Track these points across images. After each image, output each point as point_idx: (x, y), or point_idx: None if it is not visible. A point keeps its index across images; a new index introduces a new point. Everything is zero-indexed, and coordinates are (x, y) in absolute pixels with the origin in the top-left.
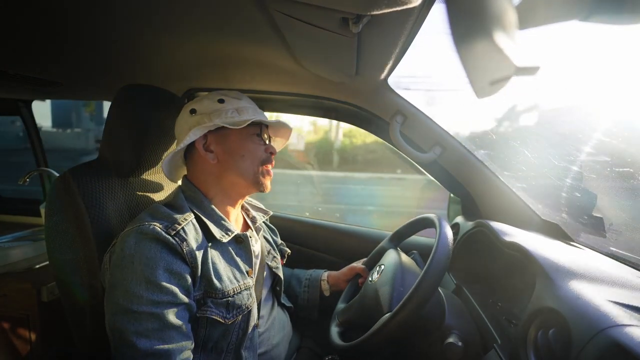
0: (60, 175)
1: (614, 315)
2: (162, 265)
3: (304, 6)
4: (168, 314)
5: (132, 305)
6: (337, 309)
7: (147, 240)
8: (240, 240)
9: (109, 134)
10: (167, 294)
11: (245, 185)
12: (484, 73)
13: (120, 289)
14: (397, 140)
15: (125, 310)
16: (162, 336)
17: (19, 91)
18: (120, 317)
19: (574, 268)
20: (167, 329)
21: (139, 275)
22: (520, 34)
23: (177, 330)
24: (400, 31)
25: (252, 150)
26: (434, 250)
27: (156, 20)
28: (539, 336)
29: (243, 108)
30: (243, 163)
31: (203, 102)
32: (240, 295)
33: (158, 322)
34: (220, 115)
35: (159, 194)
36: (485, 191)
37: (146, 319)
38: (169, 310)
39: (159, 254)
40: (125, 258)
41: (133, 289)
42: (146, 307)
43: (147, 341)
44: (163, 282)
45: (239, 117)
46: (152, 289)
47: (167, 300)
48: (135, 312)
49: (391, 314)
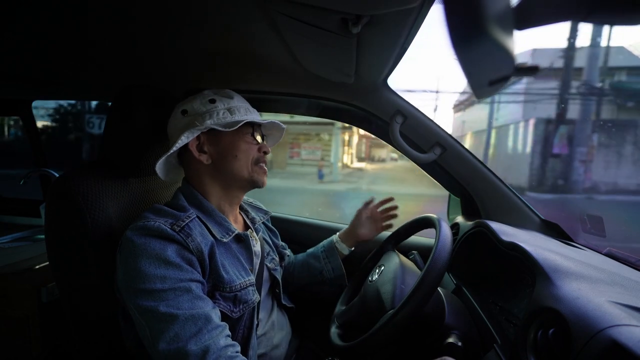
0: (60, 175)
1: (614, 315)
2: (174, 249)
3: (303, 7)
4: (192, 288)
5: (156, 284)
6: (336, 311)
7: (154, 234)
8: (241, 239)
9: (109, 135)
10: (186, 272)
11: (241, 184)
12: (483, 74)
13: (140, 275)
14: (396, 141)
15: (151, 291)
16: (193, 305)
17: (19, 91)
18: (146, 299)
19: (574, 268)
20: (196, 300)
21: (155, 258)
22: (519, 34)
23: (204, 301)
24: (399, 31)
25: (245, 150)
26: (434, 250)
27: (156, 20)
28: (538, 336)
29: (235, 107)
30: (237, 163)
31: (194, 103)
32: (246, 291)
33: (186, 296)
34: (212, 116)
35: (159, 194)
36: (485, 191)
37: (171, 296)
38: (192, 284)
39: (167, 243)
40: (136, 247)
41: (153, 271)
42: (169, 284)
43: (180, 311)
44: (179, 262)
45: (231, 118)
46: (171, 267)
47: (187, 277)
48: (161, 291)
49: (393, 311)
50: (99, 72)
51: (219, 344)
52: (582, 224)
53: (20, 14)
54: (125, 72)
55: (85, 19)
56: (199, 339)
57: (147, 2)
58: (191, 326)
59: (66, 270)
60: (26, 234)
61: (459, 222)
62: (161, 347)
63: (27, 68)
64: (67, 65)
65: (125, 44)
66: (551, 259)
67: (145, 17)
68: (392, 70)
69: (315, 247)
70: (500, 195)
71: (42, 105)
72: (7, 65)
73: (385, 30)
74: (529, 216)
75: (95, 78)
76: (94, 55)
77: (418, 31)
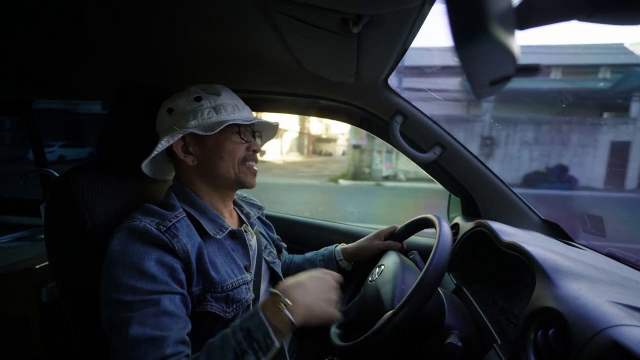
0: (60, 175)
1: (614, 315)
2: (154, 257)
3: (304, 7)
4: (162, 301)
5: (126, 296)
6: None
7: (137, 236)
8: (235, 236)
9: (109, 134)
10: (160, 284)
11: (228, 184)
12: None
13: (113, 283)
14: (397, 141)
15: (119, 302)
16: (157, 323)
17: (19, 91)
18: (114, 309)
19: (574, 268)
20: (162, 316)
21: (130, 267)
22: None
23: (171, 318)
24: (400, 31)
25: (231, 150)
26: (434, 250)
27: (155, 20)
28: (538, 336)
29: (221, 105)
30: (223, 164)
31: (180, 101)
32: (239, 290)
33: (152, 309)
34: (197, 116)
35: (159, 194)
36: (485, 191)
37: (140, 307)
38: (163, 297)
39: (149, 248)
40: (115, 253)
41: (126, 280)
42: (139, 296)
43: (140, 328)
44: (155, 272)
45: (216, 117)
46: (145, 278)
47: (160, 289)
48: (129, 302)
49: (392, 312)
50: (99, 72)
51: None
52: (582, 224)
53: (20, 14)
54: (125, 72)
55: (85, 19)
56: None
57: (147, 1)
58: (146, 348)
59: (66, 270)
60: (26, 234)
61: (459, 222)
62: (115, 354)
63: (27, 68)
64: (67, 65)
65: (125, 44)
66: (551, 259)
67: (145, 17)
68: (393, 70)
69: (315, 253)
70: (500, 195)
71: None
72: (7, 65)
73: (385, 30)
74: (529, 216)
75: (95, 78)
76: (94, 55)
77: (418, 31)
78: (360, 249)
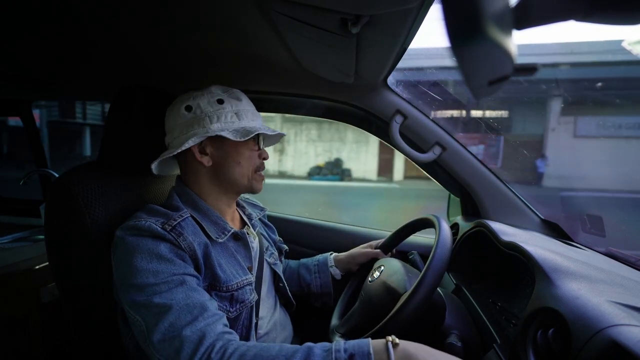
0: (60, 175)
1: (613, 315)
2: (166, 247)
3: (303, 7)
4: (186, 280)
5: (149, 279)
6: (332, 325)
7: (145, 234)
8: (238, 238)
9: (109, 134)
10: (179, 267)
11: (239, 189)
12: (481, 73)
13: (133, 270)
14: (396, 141)
15: (144, 285)
16: (187, 296)
17: (19, 91)
18: (140, 294)
19: (573, 268)
20: (190, 291)
21: (147, 253)
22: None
23: (199, 292)
24: (399, 31)
25: (248, 157)
26: (434, 250)
27: (155, 20)
28: (538, 336)
29: (242, 111)
30: (239, 169)
31: (201, 100)
32: (243, 290)
33: (180, 287)
34: (220, 118)
35: (160, 194)
36: (485, 191)
37: (165, 286)
38: (186, 277)
39: (159, 243)
40: (128, 244)
41: (145, 266)
42: (162, 277)
43: (173, 302)
44: (172, 257)
45: (239, 123)
46: (164, 262)
47: (181, 271)
48: (154, 284)
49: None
50: (99, 72)
51: (216, 329)
52: (581, 224)
53: (20, 14)
54: (125, 72)
55: (85, 19)
56: (195, 325)
57: (147, 1)
58: (186, 315)
59: (66, 270)
60: (26, 234)
61: (458, 222)
62: (156, 338)
63: (27, 68)
64: (67, 65)
65: (125, 44)
66: (551, 259)
67: (145, 17)
68: (392, 70)
69: (311, 258)
70: (500, 195)
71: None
72: (7, 65)
73: (385, 30)
74: (528, 216)
75: (95, 78)
76: (94, 55)
77: (418, 31)
78: (351, 257)
